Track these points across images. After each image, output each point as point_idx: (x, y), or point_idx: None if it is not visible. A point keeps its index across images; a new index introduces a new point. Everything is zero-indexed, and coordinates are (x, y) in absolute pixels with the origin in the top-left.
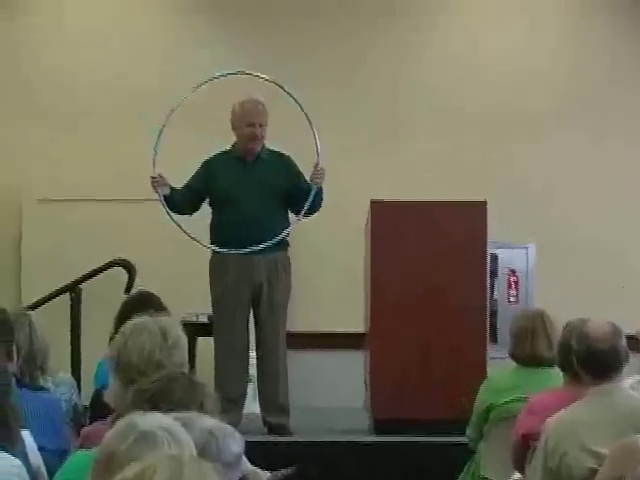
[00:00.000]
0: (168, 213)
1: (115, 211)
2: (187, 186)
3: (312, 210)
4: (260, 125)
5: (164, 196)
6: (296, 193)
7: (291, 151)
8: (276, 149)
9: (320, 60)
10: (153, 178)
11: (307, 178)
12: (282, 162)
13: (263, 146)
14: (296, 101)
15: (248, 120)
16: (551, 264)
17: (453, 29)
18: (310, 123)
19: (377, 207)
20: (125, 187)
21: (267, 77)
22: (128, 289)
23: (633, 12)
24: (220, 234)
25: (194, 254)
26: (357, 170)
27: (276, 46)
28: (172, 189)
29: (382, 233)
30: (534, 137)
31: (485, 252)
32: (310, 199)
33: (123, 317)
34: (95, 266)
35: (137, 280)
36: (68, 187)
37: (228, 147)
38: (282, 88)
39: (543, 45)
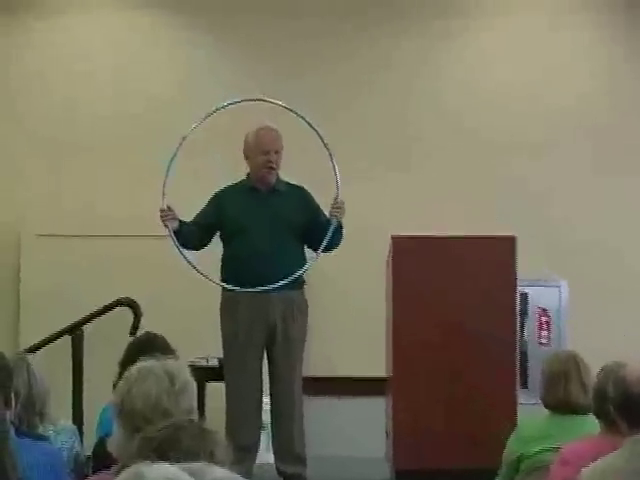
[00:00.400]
0: (177, 248)
1: (119, 247)
2: (197, 220)
3: (331, 247)
4: (275, 152)
5: (173, 230)
6: (314, 228)
7: (304, 181)
8: (292, 181)
9: (328, 79)
10: (162, 211)
11: (326, 212)
12: (299, 195)
13: (278, 177)
14: (316, 131)
15: (262, 148)
16: (585, 303)
17: (470, 46)
18: (330, 155)
19: (398, 242)
20: (130, 222)
21: (283, 104)
22: (133, 330)
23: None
24: (231, 269)
25: (204, 292)
26: (376, 200)
27: (279, 66)
28: (181, 223)
29: (404, 270)
30: (559, 166)
31: (515, 290)
32: (329, 235)
33: (128, 360)
34: (98, 305)
35: (143, 321)
36: (69, 222)
37: (240, 178)
38: (302, 118)
39: (564, 69)
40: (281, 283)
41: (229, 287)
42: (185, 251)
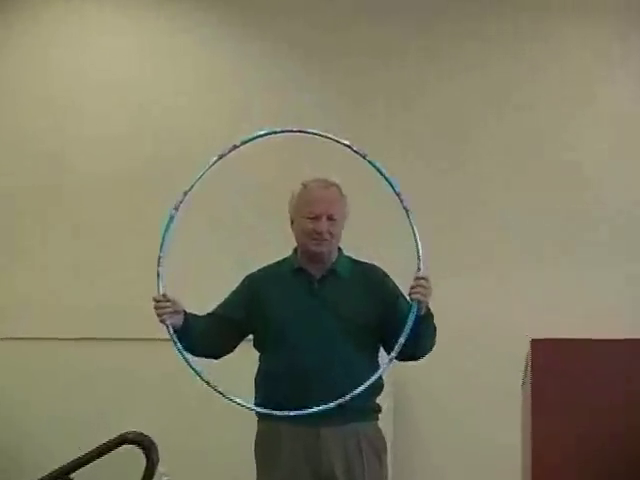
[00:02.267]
0: (180, 353)
1: (118, 356)
2: (215, 314)
3: (415, 347)
4: (329, 218)
5: (174, 328)
6: (393, 325)
7: (383, 256)
8: (361, 259)
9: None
10: (157, 302)
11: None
12: (368, 279)
13: (340, 254)
14: (386, 178)
15: (309, 210)
16: None
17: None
18: (407, 211)
19: (541, 348)
20: (133, 321)
21: (338, 139)
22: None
23: None
24: (267, 390)
25: (240, 422)
26: (510, 296)
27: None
28: (188, 317)
29: (548, 383)
30: None
31: None
32: (408, 327)
33: None
34: (92, 441)
35: (160, 466)
36: (44, 321)
37: (284, 256)
38: (364, 157)
39: None
40: (334, 404)
41: (258, 410)
42: (193, 358)
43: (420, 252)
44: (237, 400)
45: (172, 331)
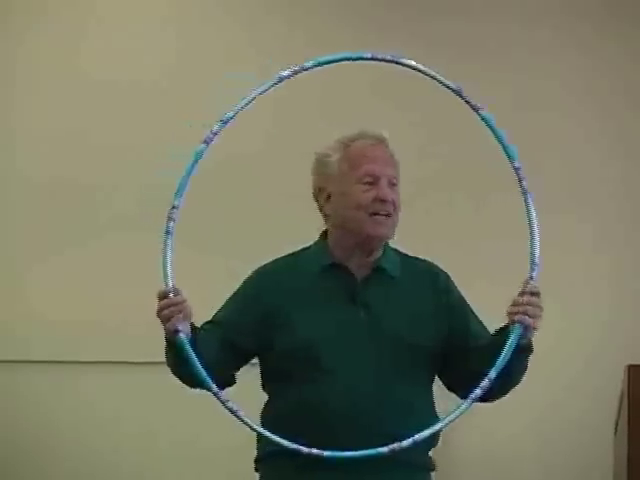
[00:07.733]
0: (195, 371)
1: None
2: (213, 331)
3: (497, 387)
4: (391, 183)
5: (184, 339)
6: (461, 350)
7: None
8: (414, 255)
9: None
10: (164, 296)
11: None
12: (429, 283)
13: (386, 246)
14: (504, 146)
15: (365, 169)
16: None
17: None
18: (525, 194)
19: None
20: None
21: (444, 79)
22: None
23: None
24: (288, 435)
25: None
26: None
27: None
28: (195, 329)
29: None
30: None
31: None
32: (503, 358)
33: None
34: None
35: None
36: (24, 344)
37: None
38: (477, 111)
39: None
40: (388, 448)
41: (284, 443)
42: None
43: (537, 254)
44: (258, 428)
45: (184, 339)
